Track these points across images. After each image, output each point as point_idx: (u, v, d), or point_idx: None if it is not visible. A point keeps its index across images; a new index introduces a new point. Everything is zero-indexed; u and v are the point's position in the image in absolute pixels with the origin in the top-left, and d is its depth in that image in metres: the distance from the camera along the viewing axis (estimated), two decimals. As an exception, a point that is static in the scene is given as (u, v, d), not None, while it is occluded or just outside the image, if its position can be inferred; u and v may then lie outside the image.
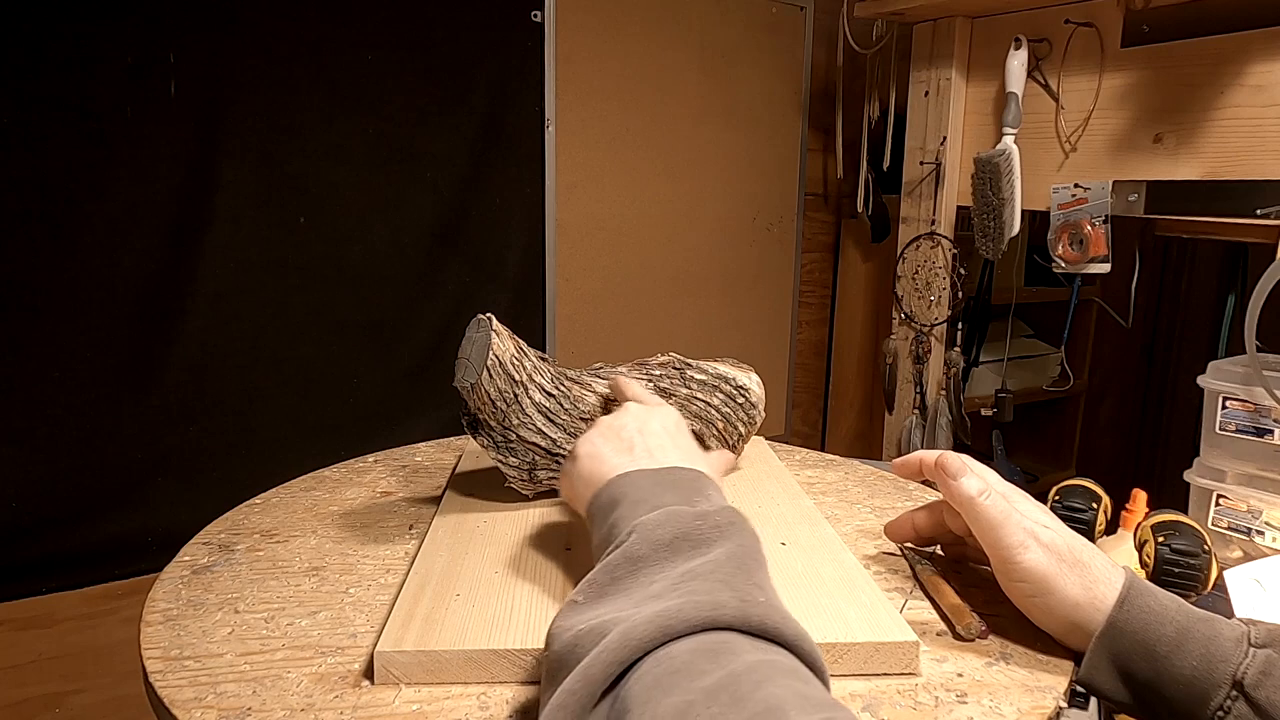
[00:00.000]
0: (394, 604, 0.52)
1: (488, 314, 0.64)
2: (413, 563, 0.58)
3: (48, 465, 1.28)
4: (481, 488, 0.72)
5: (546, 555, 0.60)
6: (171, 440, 1.37)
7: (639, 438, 0.53)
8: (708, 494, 0.48)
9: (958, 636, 0.52)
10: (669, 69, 1.85)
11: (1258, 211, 1.27)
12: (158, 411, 1.35)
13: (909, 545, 0.64)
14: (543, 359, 0.66)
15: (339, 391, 1.52)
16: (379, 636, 0.48)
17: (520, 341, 0.65)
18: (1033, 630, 0.52)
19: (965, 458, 0.56)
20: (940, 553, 0.63)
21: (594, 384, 0.68)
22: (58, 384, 1.27)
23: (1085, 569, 0.50)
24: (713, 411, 0.71)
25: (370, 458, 0.85)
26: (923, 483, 0.63)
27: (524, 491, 0.68)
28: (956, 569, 0.61)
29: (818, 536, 0.63)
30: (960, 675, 0.48)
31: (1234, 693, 0.44)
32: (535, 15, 1.63)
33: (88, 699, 1.36)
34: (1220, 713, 0.44)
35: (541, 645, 0.47)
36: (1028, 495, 0.55)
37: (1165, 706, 0.46)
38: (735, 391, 0.72)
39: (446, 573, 0.56)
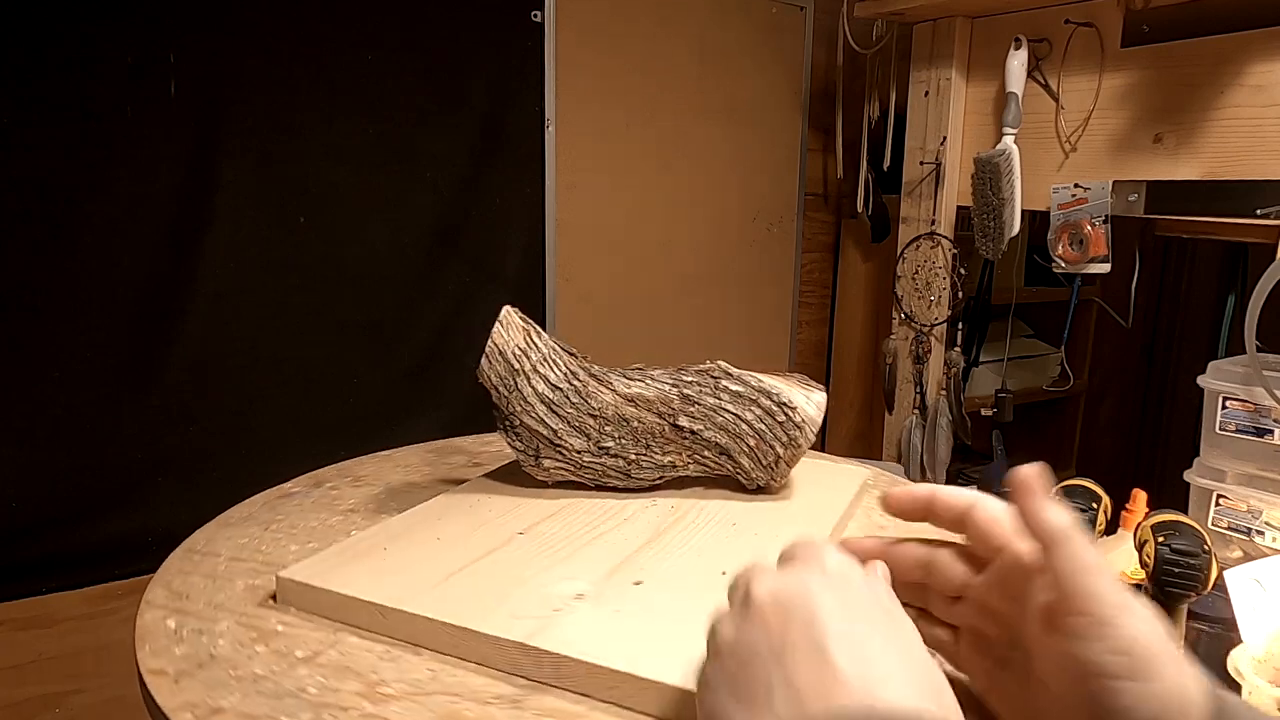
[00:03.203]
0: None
1: (512, 307, 0.68)
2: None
3: (48, 465, 1.27)
4: (515, 474, 0.72)
5: (498, 535, 0.60)
6: (171, 440, 1.37)
7: (776, 668, 0.31)
8: None
9: None
10: (669, 69, 1.85)
11: (1258, 211, 1.27)
12: (158, 411, 1.35)
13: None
14: (569, 353, 0.68)
15: (339, 391, 1.52)
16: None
17: (537, 335, 0.67)
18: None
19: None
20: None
21: (614, 382, 0.67)
22: (58, 384, 1.27)
23: (1181, 660, 0.34)
24: (743, 426, 0.67)
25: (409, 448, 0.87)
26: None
27: (538, 476, 0.69)
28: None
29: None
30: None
31: None
32: (535, 15, 1.63)
33: (88, 699, 1.36)
34: None
35: (431, 615, 0.48)
36: None
37: None
38: (776, 408, 0.67)
39: (397, 531, 0.59)
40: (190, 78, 1.30)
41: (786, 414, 0.67)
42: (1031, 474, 0.38)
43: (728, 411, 0.67)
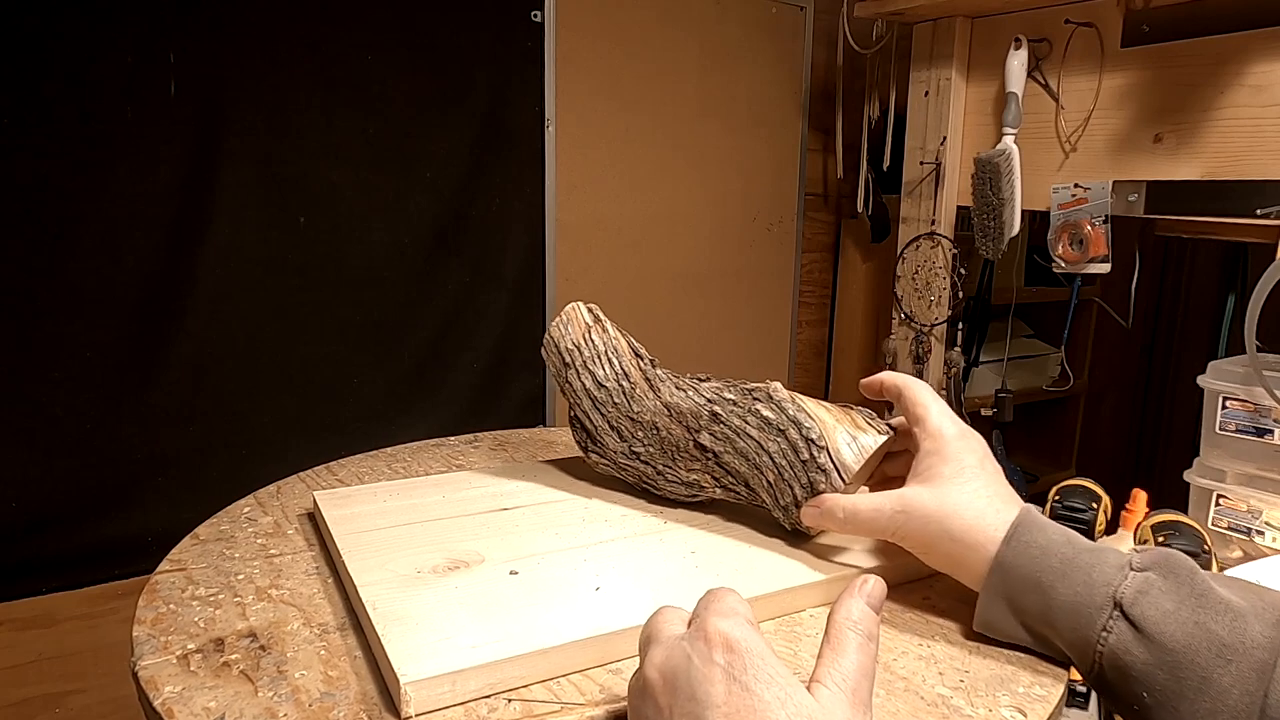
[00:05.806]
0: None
1: (582, 303, 0.69)
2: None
3: (48, 465, 1.28)
4: (578, 464, 0.73)
5: (482, 506, 0.63)
6: (171, 440, 1.37)
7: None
8: None
9: None
10: (669, 69, 1.85)
11: (1258, 211, 1.27)
12: (158, 411, 1.35)
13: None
14: (635, 353, 0.68)
15: (339, 391, 1.52)
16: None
17: (600, 333, 0.68)
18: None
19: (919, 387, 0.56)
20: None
21: (663, 388, 0.65)
22: (58, 384, 1.27)
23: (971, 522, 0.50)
24: (764, 457, 0.59)
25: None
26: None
27: (590, 465, 0.69)
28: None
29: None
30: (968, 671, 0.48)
31: (1115, 612, 0.44)
32: (535, 15, 1.63)
33: (88, 699, 1.36)
34: (1104, 633, 0.44)
35: (341, 549, 0.54)
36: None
37: (1056, 636, 0.47)
38: (802, 443, 0.58)
39: (417, 485, 0.67)
40: (190, 78, 1.30)
41: (811, 453, 0.57)
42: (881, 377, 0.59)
43: (751, 437, 0.60)
